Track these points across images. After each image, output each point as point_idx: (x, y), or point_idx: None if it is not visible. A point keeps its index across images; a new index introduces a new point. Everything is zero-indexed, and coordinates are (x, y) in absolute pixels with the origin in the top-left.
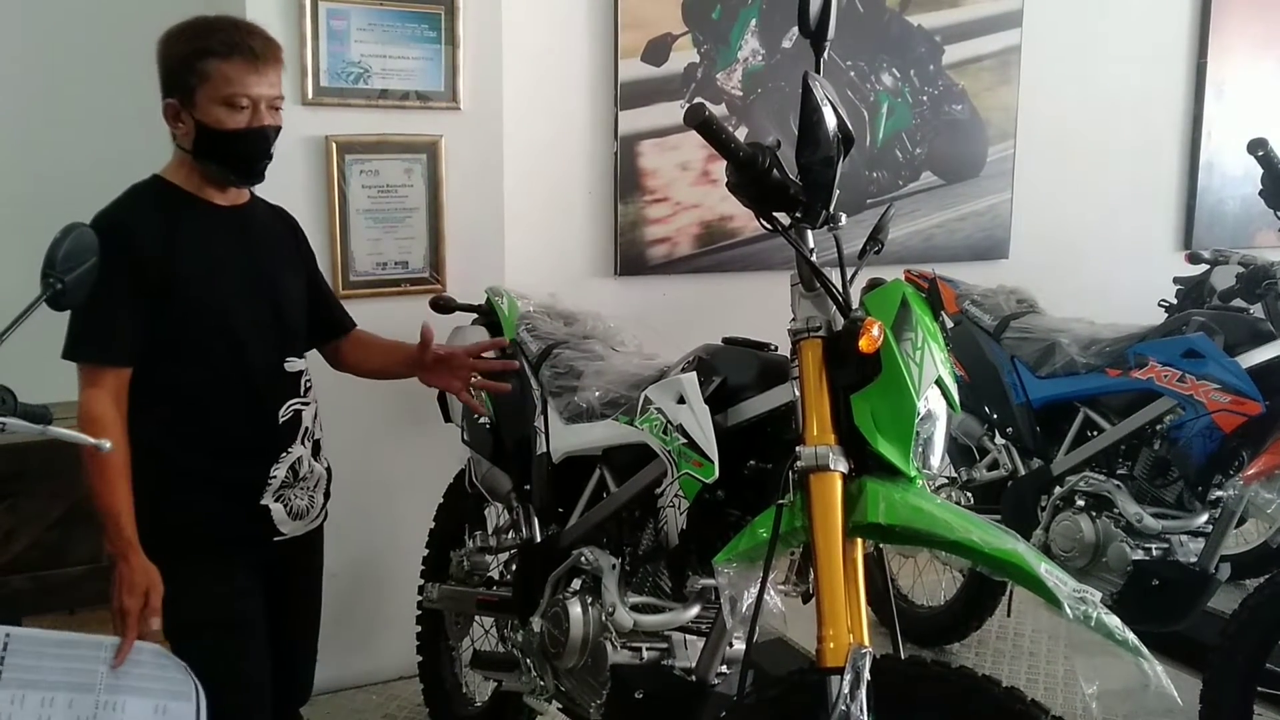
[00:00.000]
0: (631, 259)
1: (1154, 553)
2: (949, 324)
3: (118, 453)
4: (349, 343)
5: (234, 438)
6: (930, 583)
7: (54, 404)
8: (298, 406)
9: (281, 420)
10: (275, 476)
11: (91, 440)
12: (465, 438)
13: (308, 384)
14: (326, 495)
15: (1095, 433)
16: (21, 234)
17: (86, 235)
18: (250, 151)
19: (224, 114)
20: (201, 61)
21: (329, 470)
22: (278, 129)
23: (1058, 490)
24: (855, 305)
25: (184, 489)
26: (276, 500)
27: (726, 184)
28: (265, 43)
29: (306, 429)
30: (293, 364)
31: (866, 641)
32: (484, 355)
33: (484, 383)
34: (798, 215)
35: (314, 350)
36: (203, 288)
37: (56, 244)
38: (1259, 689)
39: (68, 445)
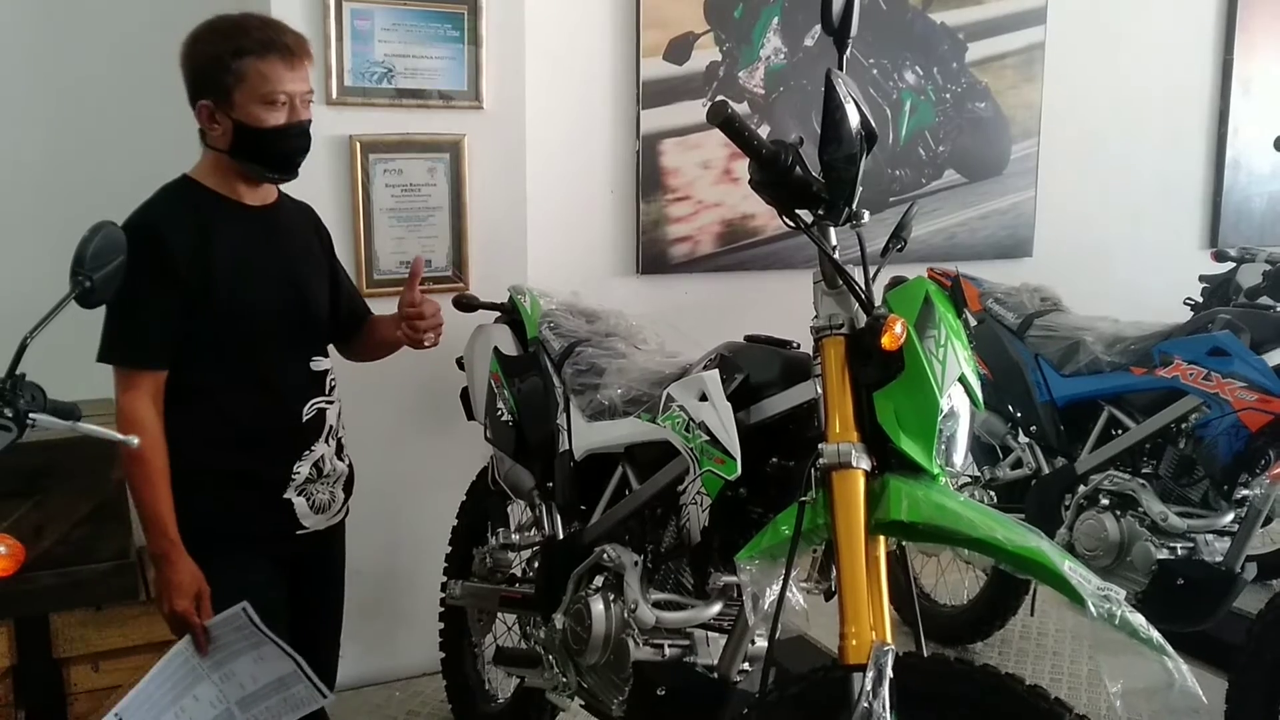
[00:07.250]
0: (653, 257)
1: (1179, 552)
2: (972, 322)
3: (159, 455)
4: (367, 326)
5: (260, 436)
6: (953, 582)
7: (82, 401)
8: (322, 405)
9: (305, 419)
10: (299, 473)
11: (120, 436)
12: (488, 435)
13: (332, 382)
14: (348, 491)
15: (1120, 431)
16: (47, 232)
17: (115, 233)
18: (291, 147)
19: (263, 112)
20: (237, 61)
21: (351, 468)
22: (309, 123)
23: (1082, 489)
24: (878, 303)
25: (209, 485)
26: (299, 495)
27: (749, 182)
28: (297, 39)
29: (330, 427)
30: (318, 363)
31: (889, 639)
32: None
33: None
34: (820, 213)
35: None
36: (236, 289)
37: (85, 242)
38: None
39: (96, 442)
